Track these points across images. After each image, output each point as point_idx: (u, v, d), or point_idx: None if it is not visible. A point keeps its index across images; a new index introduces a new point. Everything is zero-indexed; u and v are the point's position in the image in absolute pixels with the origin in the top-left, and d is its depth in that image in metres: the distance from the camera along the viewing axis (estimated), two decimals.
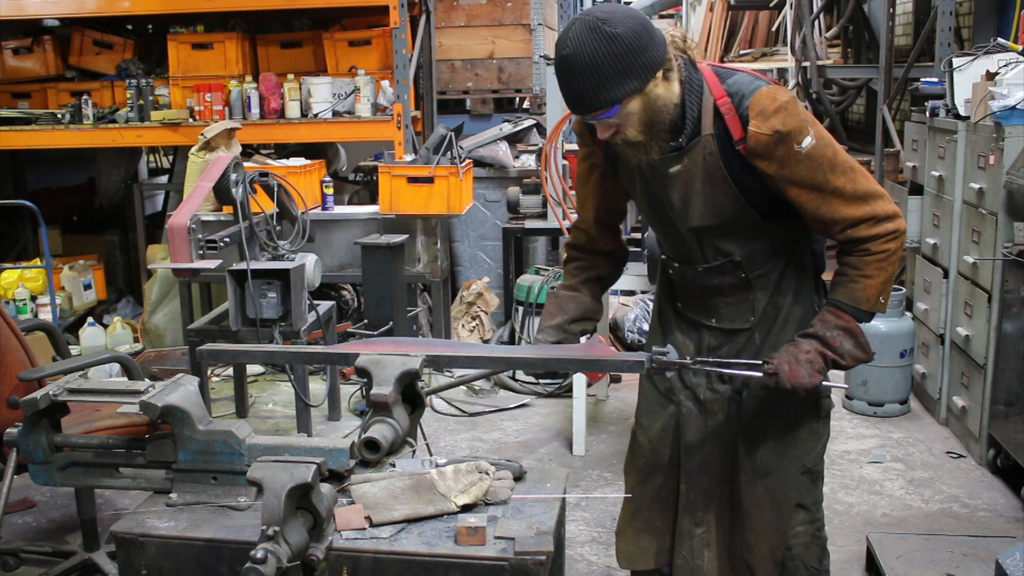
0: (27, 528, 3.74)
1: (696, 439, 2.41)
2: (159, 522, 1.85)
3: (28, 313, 5.56)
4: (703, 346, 2.39)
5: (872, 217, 2.12)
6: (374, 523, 1.80)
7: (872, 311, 2.18)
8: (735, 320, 2.34)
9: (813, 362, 2.15)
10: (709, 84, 2.13)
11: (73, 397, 2.02)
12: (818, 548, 2.44)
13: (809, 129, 2.07)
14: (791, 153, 2.06)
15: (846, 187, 2.11)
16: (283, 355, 2.96)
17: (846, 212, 2.12)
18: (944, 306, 4.45)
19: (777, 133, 2.04)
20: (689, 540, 2.45)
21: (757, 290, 2.30)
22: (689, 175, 2.16)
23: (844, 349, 2.17)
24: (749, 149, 2.08)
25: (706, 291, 2.34)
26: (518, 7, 6.45)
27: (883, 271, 2.15)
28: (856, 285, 2.16)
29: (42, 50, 6.14)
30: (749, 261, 2.27)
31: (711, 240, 2.26)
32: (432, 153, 5.08)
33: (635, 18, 2.00)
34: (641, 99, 2.03)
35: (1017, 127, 3.76)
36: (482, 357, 2.25)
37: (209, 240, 3.88)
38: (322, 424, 4.73)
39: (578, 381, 4.31)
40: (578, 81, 2.00)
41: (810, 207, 2.13)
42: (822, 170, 2.09)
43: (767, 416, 2.34)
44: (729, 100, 2.10)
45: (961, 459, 4.19)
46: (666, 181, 2.20)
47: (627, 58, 1.97)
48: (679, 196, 2.20)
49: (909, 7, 7.23)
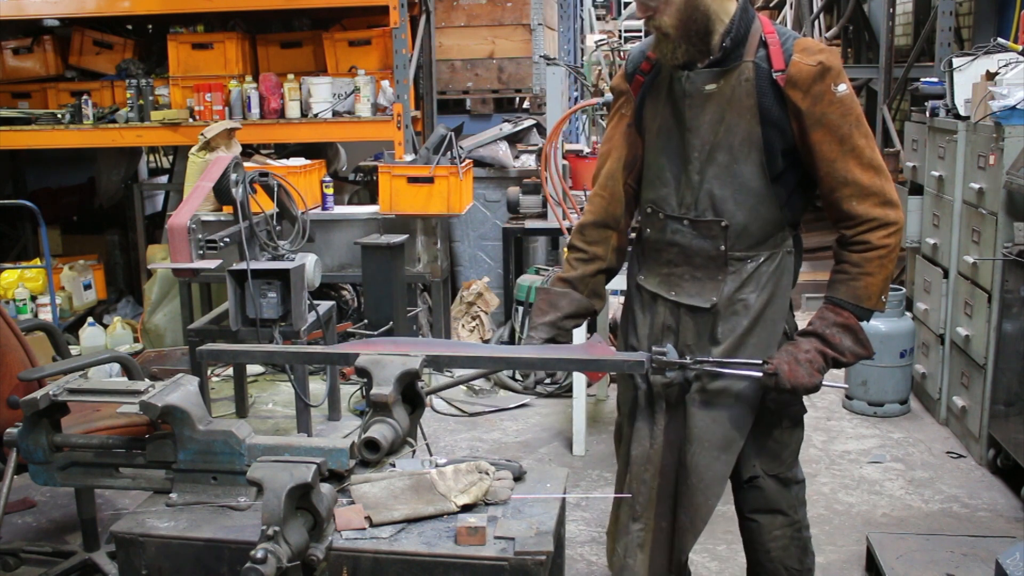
0: (27, 528, 3.74)
1: (644, 426, 2.38)
2: (159, 522, 1.85)
3: (28, 313, 5.56)
4: (657, 324, 2.36)
5: (880, 193, 2.14)
6: (374, 523, 1.80)
7: (873, 310, 2.18)
8: (695, 297, 2.30)
9: (813, 361, 2.15)
10: (761, 21, 2.20)
11: (73, 397, 2.02)
12: (798, 549, 2.44)
13: (847, 79, 2.14)
14: (827, 92, 2.11)
15: (865, 150, 2.14)
16: (283, 355, 2.96)
17: (860, 176, 2.13)
18: (944, 306, 4.45)
19: (821, 65, 2.11)
20: (625, 537, 2.41)
21: (729, 272, 2.27)
22: (722, 98, 2.18)
23: (844, 346, 2.17)
24: (789, 77, 2.12)
25: (679, 254, 2.30)
26: (518, 7, 6.45)
27: (884, 268, 2.16)
28: (857, 283, 2.16)
29: (42, 50, 6.14)
30: (733, 232, 2.23)
31: (711, 184, 2.22)
32: (432, 153, 5.08)
33: None
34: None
35: (1017, 127, 3.76)
36: (482, 357, 2.25)
37: (209, 240, 3.88)
38: (322, 424, 4.73)
39: (578, 381, 4.31)
40: None
41: (828, 157, 2.14)
42: (849, 121, 2.13)
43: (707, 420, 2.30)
44: (777, 36, 2.17)
45: (961, 459, 4.19)
46: (698, 100, 2.21)
47: None
48: (708, 117, 2.20)
49: (909, 7, 7.23)
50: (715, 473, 2.32)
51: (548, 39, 6.77)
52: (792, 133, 2.17)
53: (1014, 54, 4.10)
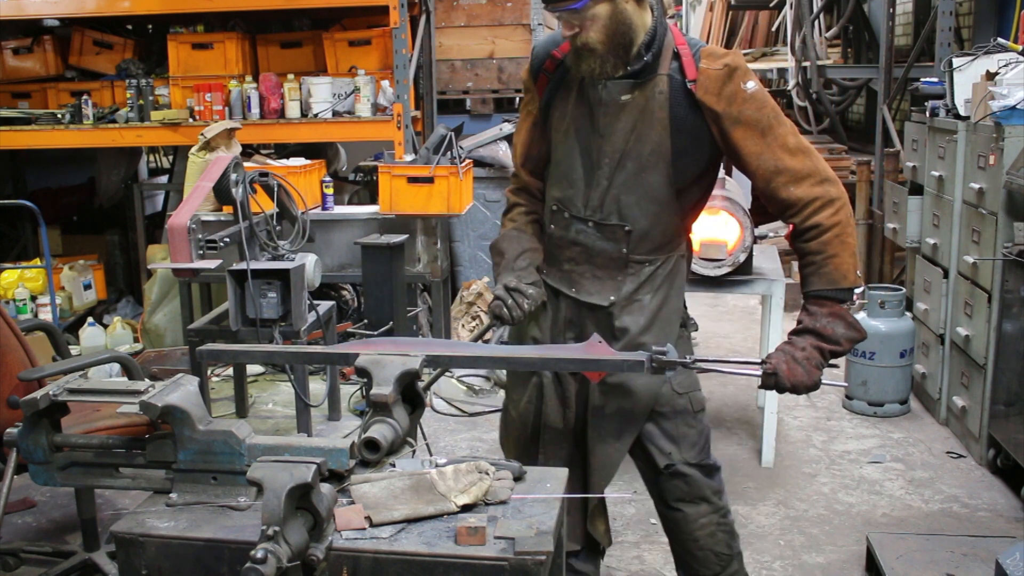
0: (27, 528, 3.74)
1: (555, 408, 2.48)
2: (159, 522, 1.85)
3: (28, 313, 5.56)
4: (560, 319, 2.44)
5: (813, 173, 2.18)
6: (374, 523, 1.80)
7: (852, 287, 2.21)
8: (594, 295, 2.39)
9: (810, 359, 2.17)
10: (673, 33, 2.26)
11: (73, 397, 2.02)
12: (725, 534, 2.51)
13: (754, 76, 2.20)
14: (738, 91, 2.17)
15: (788, 137, 2.19)
16: (283, 355, 2.96)
17: (790, 162, 2.17)
18: (944, 306, 4.45)
19: (726, 67, 2.17)
20: None
21: (628, 273, 2.36)
22: (634, 108, 2.24)
23: (838, 335, 2.19)
24: (700, 84, 2.18)
25: (581, 254, 2.38)
26: (518, 7, 6.45)
27: (845, 245, 2.19)
28: (827, 268, 2.19)
29: (42, 50, 6.14)
30: (636, 237, 2.32)
31: (618, 191, 2.29)
32: (432, 153, 5.08)
33: None
34: (610, 6, 2.14)
35: (1017, 127, 3.76)
36: (482, 357, 2.26)
37: (209, 240, 3.88)
38: (322, 424, 4.73)
39: None
40: None
41: (754, 152, 2.18)
42: (766, 115, 2.18)
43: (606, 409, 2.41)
44: (688, 46, 2.23)
45: (961, 459, 4.20)
46: (612, 108, 2.26)
47: None
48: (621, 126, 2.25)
49: (909, 7, 7.24)
50: (609, 458, 2.46)
51: None
52: (714, 138, 2.23)
53: (1014, 54, 4.10)
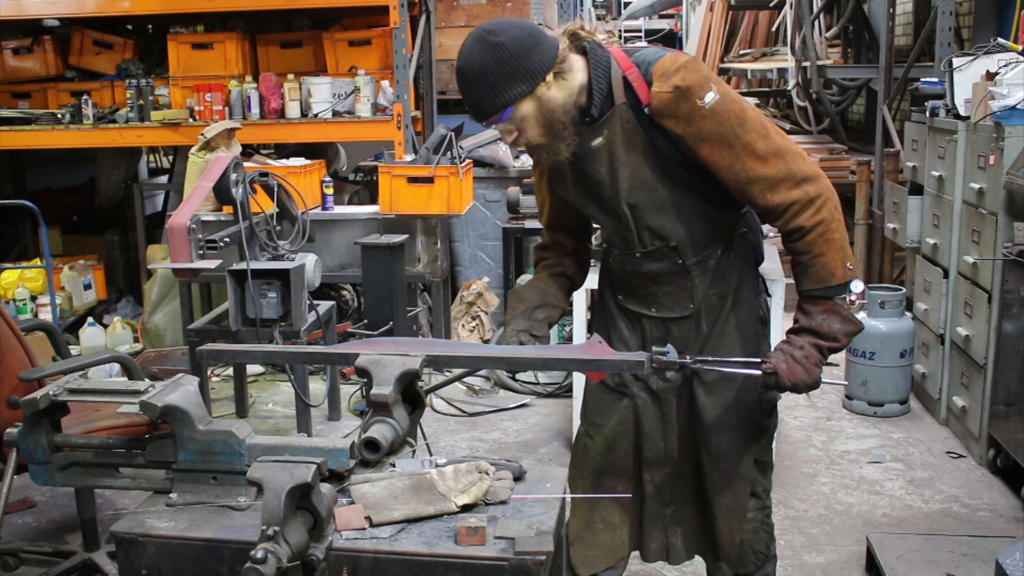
0: (27, 528, 3.74)
1: (655, 429, 2.44)
2: (159, 522, 1.85)
3: (28, 313, 5.56)
4: (647, 337, 2.42)
5: (788, 176, 2.12)
6: (374, 523, 1.80)
7: (844, 282, 2.18)
8: (674, 308, 2.37)
9: (809, 357, 2.16)
10: (617, 59, 2.18)
11: (73, 397, 2.02)
12: (766, 534, 2.49)
13: (712, 85, 2.10)
14: (695, 108, 2.09)
15: (757, 142, 2.11)
16: (283, 355, 2.96)
17: (761, 170, 2.12)
18: (944, 306, 4.45)
19: (677, 89, 2.08)
20: (660, 521, 2.50)
21: (695, 278, 2.33)
22: (611, 146, 2.20)
23: (835, 330, 2.18)
24: (654, 110, 2.12)
25: (645, 279, 2.37)
26: (518, 7, 6.45)
27: (830, 243, 2.14)
28: (814, 268, 2.17)
29: (42, 50, 6.13)
30: (685, 246, 2.29)
31: (645, 220, 2.27)
32: (432, 153, 5.08)
33: (520, 27, 2.10)
34: (533, 102, 2.11)
35: (1017, 127, 3.76)
36: (482, 357, 2.26)
37: (209, 240, 3.88)
38: (322, 424, 4.73)
39: (578, 381, 4.31)
40: (471, 90, 2.11)
41: (724, 166, 2.13)
42: (729, 124, 2.10)
43: (719, 406, 2.38)
44: (636, 69, 2.15)
45: (961, 459, 4.20)
46: (591, 157, 2.23)
47: (511, 64, 2.06)
48: (607, 169, 2.23)
49: (909, 7, 7.23)
50: (739, 456, 2.41)
51: None
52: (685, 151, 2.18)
53: (1014, 54, 4.10)
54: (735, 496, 2.42)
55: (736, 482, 2.42)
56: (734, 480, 2.41)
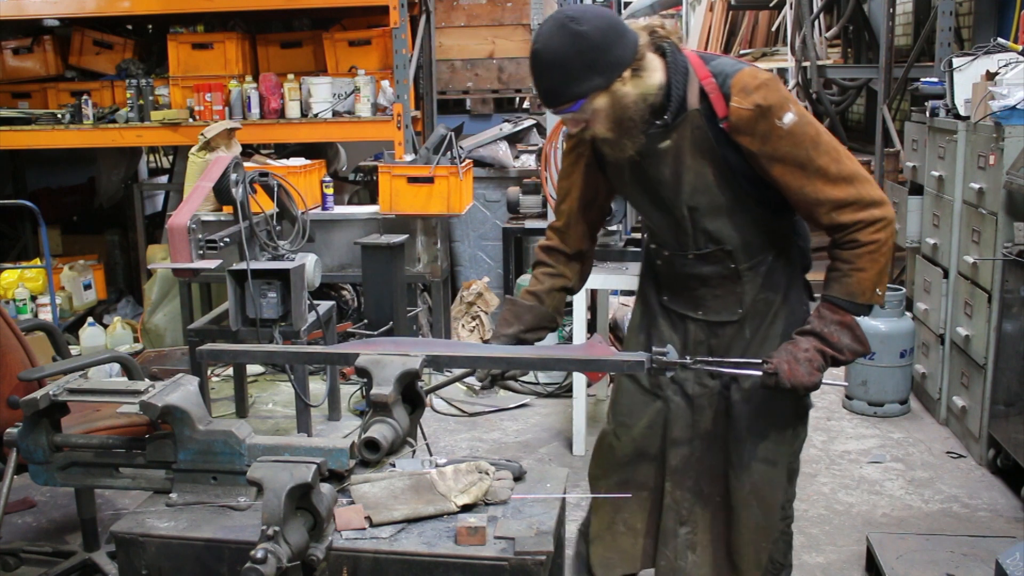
0: (27, 528, 3.74)
1: (683, 435, 2.41)
2: (159, 522, 1.85)
3: (28, 313, 5.56)
4: (689, 339, 2.39)
5: (857, 200, 2.12)
6: (374, 523, 1.80)
7: (869, 304, 2.17)
8: (722, 312, 2.35)
9: (812, 360, 2.15)
10: (694, 66, 2.16)
11: (73, 397, 2.02)
12: (785, 544, 2.47)
13: (790, 106, 2.10)
14: (773, 128, 2.08)
15: (830, 166, 2.11)
16: (283, 355, 2.96)
17: (831, 193, 2.11)
18: (944, 306, 4.45)
19: (758, 107, 2.07)
20: (673, 540, 2.44)
21: (745, 283, 2.31)
22: (678, 150, 2.18)
23: (843, 344, 2.17)
24: (732, 125, 2.11)
25: (694, 281, 2.35)
26: (518, 7, 6.45)
27: (875, 263, 2.14)
28: (850, 279, 2.15)
29: (42, 50, 6.13)
30: (739, 251, 2.28)
31: (703, 224, 2.26)
32: (432, 153, 5.08)
33: (604, 17, 2.05)
34: (607, 96, 2.07)
35: (1017, 127, 3.76)
36: (482, 357, 2.26)
37: (209, 240, 3.88)
38: (322, 424, 4.73)
39: (578, 381, 4.31)
40: (546, 75, 2.07)
41: (794, 186, 2.13)
42: (804, 147, 2.10)
43: (756, 414, 2.35)
44: (713, 80, 2.14)
45: (961, 459, 4.19)
46: (656, 157, 2.21)
47: (591, 55, 2.02)
48: (671, 171, 2.22)
49: (909, 7, 7.23)
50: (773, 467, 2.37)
51: None
52: (756, 168, 2.17)
53: (1014, 54, 4.10)
54: (765, 511, 2.38)
55: (767, 496, 2.37)
56: (765, 493, 2.37)
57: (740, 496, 2.37)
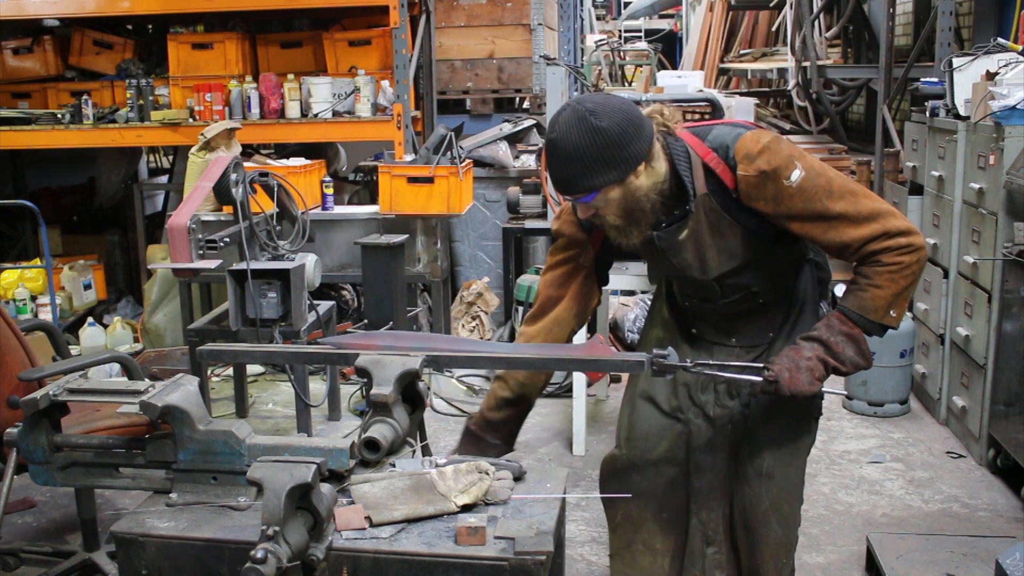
0: (27, 528, 3.74)
1: (707, 457, 2.41)
2: (159, 522, 1.85)
3: (28, 313, 5.56)
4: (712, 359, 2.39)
5: (884, 234, 2.11)
6: (374, 523, 1.80)
7: (881, 324, 2.16)
8: (755, 337, 2.39)
9: (813, 369, 2.15)
10: (692, 146, 2.16)
11: (73, 397, 2.02)
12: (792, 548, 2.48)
13: (796, 163, 2.09)
14: (782, 189, 2.09)
15: (848, 210, 2.11)
16: (283, 355, 2.96)
17: (855, 233, 2.12)
18: (944, 306, 4.45)
19: (763, 173, 2.08)
20: (701, 560, 2.45)
21: (775, 309, 2.36)
22: (697, 235, 2.21)
23: (846, 356, 2.17)
24: (742, 193, 2.12)
25: (725, 319, 2.39)
26: (518, 7, 6.45)
27: (894, 283, 2.13)
28: (865, 294, 2.15)
29: (42, 50, 6.13)
30: (765, 289, 2.32)
31: (730, 280, 2.30)
32: (432, 153, 5.08)
33: (623, 112, 2.05)
34: (621, 188, 2.09)
35: (1017, 127, 3.76)
36: (482, 357, 2.26)
37: (209, 240, 3.88)
38: (322, 424, 4.73)
39: (578, 381, 4.31)
40: (562, 166, 2.08)
41: (818, 235, 2.15)
42: (819, 199, 2.10)
43: (776, 432, 2.36)
44: (715, 154, 2.14)
45: (961, 459, 4.19)
46: (677, 248, 2.24)
47: (608, 151, 2.03)
48: (693, 255, 2.24)
49: (909, 7, 7.23)
50: (791, 478, 2.39)
51: (548, 39, 6.77)
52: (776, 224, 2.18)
53: (1014, 54, 4.10)
54: (785, 526, 2.39)
55: (786, 511, 2.39)
56: (784, 509, 2.38)
57: (759, 513, 2.38)
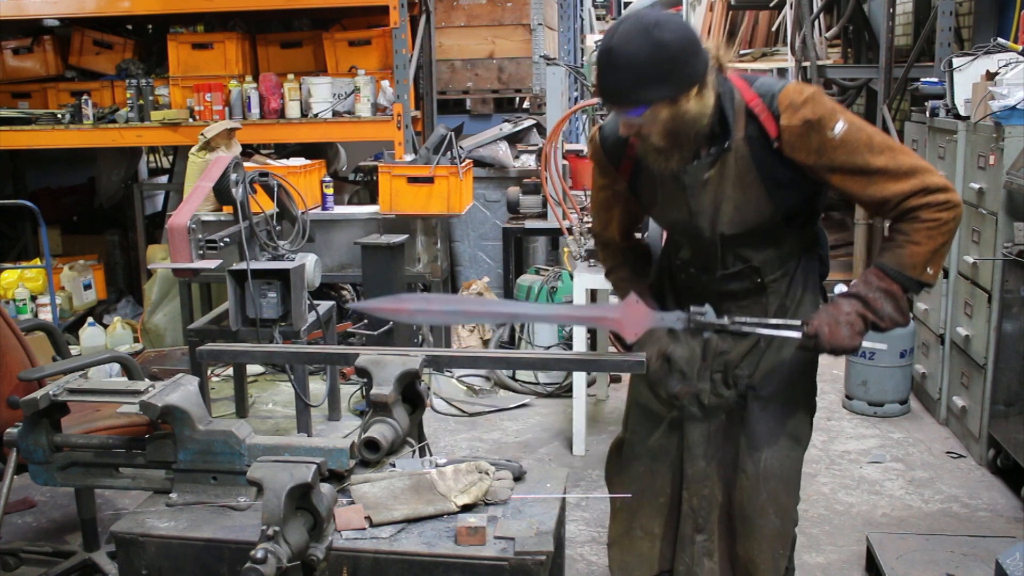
0: (27, 528, 3.74)
1: (700, 445, 2.41)
2: (159, 522, 1.85)
3: (28, 313, 5.56)
4: (709, 349, 2.38)
5: (923, 189, 2.10)
6: (374, 523, 1.80)
7: (919, 281, 2.14)
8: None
9: (853, 324, 2.12)
10: (739, 89, 2.15)
11: (73, 397, 2.02)
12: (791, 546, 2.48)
13: (839, 115, 2.09)
14: (825, 140, 2.08)
15: (889, 165, 2.10)
16: (283, 355, 2.96)
17: (895, 188, 2.10)
18: (944, 306, 4.45)
19: (808, 122, 2.07)
20: (691, 547, 2.45)
21: (770, 294, 2.33)
22: (721, 180, 2.19)
23: (884, 312, 2.14)
24: (784, 143, 2.10)
25: (719, 296, 2.35)
26: (518, 7, 6.45)
27: (932, 240, 2.11)
28: (903, 251, 2.13)
29: (42, 50, 6.13)
30: (765, 266, 2.30)
31: (734, 247, 2.28)
32: (432, 153, 5.08)
33: (686, 31, 2.03)
34: (671, 108, 2.05)
35: (1017, 127, 3.76)
36: (482, 357, 2.26)
37: (209, 240, 3.88)
38: (322, 424, 4.73)
39: (578, 381, 4.31)
40: (616, 74, 2.02)
41: (857, 190, 2.13)
42: (860, 153, 2.10)
43: (774, 423, 2.35)
44: (760, 100, 2.13)
45: (961, 459, 4.19)
46: (698, 188, 2.21)
47: (667, 65, 2.00)
48: (710, 201, 2.22)
49: (909, 7, 7.23)
50: (789, 471, 2.39)
51: (548, 39, 6.77)
52: (811, 179, 2.16)
53: (1014, 54, 4.10)
54: (782, 518, 2.38)
55: (784, 502, 2.38)
56: (782, 500, 2.38)
57: (756, 505, 2.37)
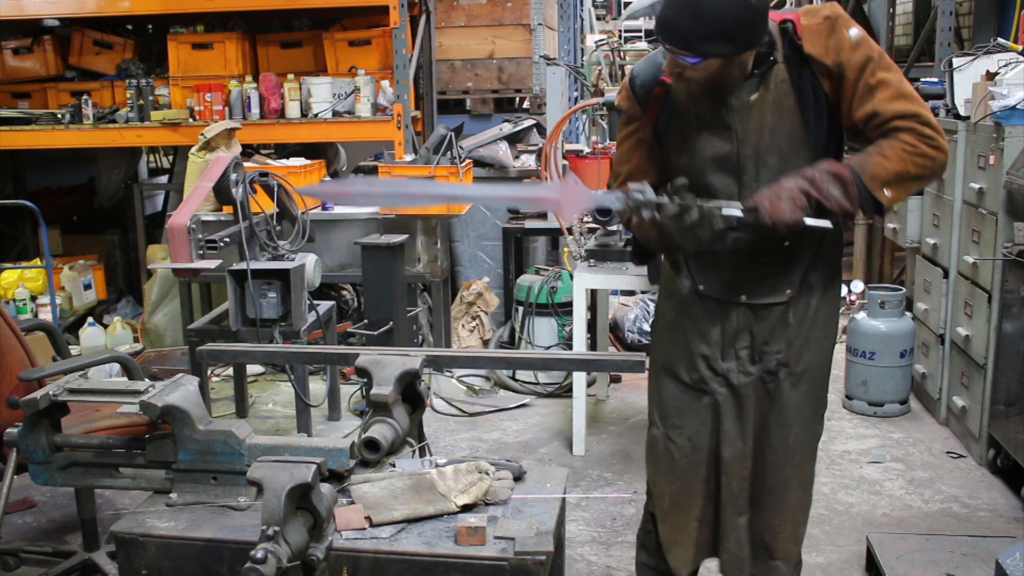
0: (27, 528, 3.74)
1: (734, 427, 2.41)
2: (159, 522, 1.85)
3: (28, 313, 5.56)
4: (730, 327, 2.36)
5: (915, 115, 2.12)
6: (374, 523, 1.80)
7: (872, 194, 2.10)
8: (768, 295, 2.32)
9: (795, 199, 2.08)
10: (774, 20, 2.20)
11: (73, 397, 2.02)
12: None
13: (855, 23, 2.17)
14: (843, 39, 2.14)
15: (892, 80, 2.15)
16: (283, 355, 2.97)
17: (889, 105, 2.13)
18: (944, 306, 4.45)
19: (827, 19, 2.15)
20: (735, 531, 2.47)
21: (794, 262, 2.30)
22: (763, 104, 2.20)
23: (831, 192, 2.09)
24: (805, 39, 2.15)
25: (743, 261, 2.30)
26: (518, 7, 6.45)
27: (902, 162, 2.10)
28: (869, 159, 2.12)
29: (42, 50, 6.13)
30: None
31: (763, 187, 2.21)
32: (432, 153, 5.08)
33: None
34: (724, 63, 2.10)
35: (1017, 127, 3.76)
36: (482, 357, 2.26)
37: (209, 240, 3.88)
38: (322, 424, 4.73)
39: (578, 381, 4.31)
40: (690, 19, 2.03)
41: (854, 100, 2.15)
42: (871, 58, 2.15)
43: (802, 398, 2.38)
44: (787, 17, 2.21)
45: (961, 459, 4.19)
46: (743, 111, 2.21)
47: (740, 25, 2.04)
48: (755, 126, 2.21)
49: (909, 7, 7.23)
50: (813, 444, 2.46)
51: (548, 39, 6.77)
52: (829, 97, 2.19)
53: (1014, 54, 4.10)
54: (803, 490, 2.45)
55: (805, 475, 2.45)
56: (804, 473, 2.44)
57: (782, 477, 2.41)
